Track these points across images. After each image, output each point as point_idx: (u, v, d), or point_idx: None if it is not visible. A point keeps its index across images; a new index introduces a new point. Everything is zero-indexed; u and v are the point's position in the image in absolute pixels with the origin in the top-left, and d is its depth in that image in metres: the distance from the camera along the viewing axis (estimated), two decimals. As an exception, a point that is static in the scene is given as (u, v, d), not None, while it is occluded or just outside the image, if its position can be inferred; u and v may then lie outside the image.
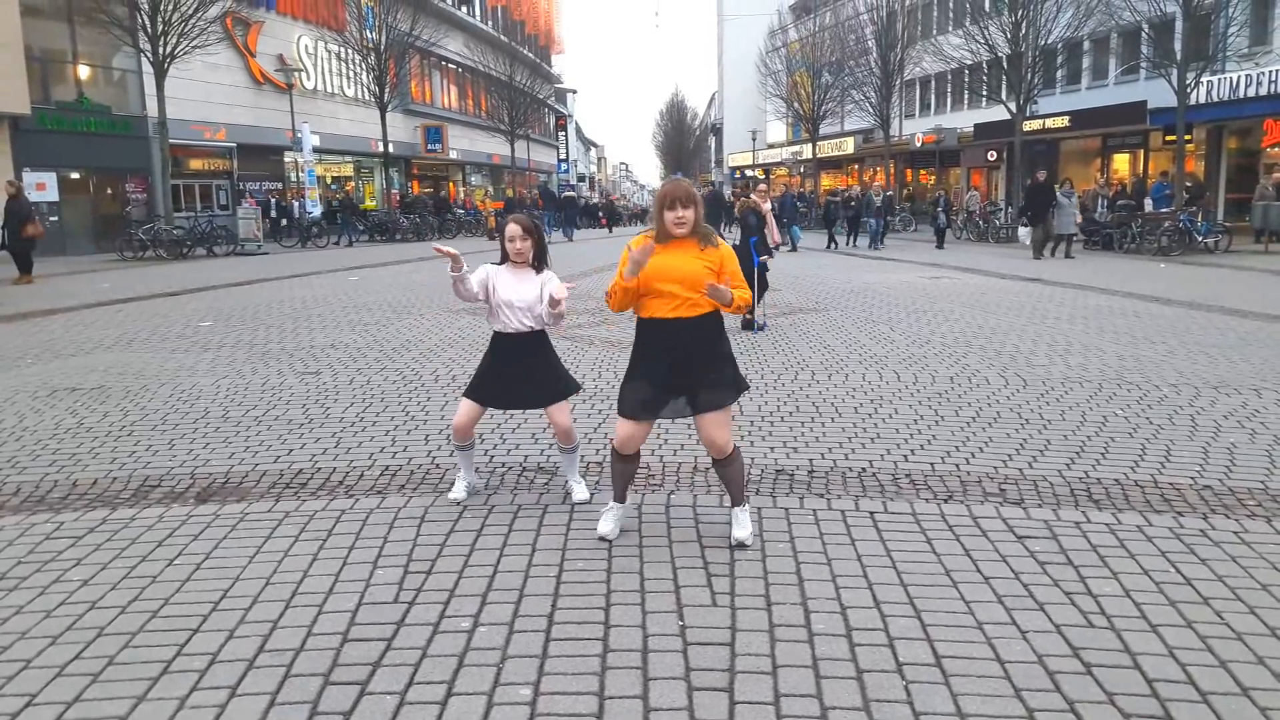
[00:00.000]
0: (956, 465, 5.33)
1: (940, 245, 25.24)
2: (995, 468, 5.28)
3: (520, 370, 4.70)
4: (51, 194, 24.49)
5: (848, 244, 27.48)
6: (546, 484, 5.01)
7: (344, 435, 6.14)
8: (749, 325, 10.47)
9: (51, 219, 24.36)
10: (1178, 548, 4.07)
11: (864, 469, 5.27)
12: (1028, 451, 5.60)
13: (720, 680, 3.01)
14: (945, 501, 4.70)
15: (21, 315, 12.67)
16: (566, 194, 42.38)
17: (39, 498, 4.98)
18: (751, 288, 10.34)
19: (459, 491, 4.80)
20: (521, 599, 3.62)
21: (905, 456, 5.52)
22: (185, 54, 23.51)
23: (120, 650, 3.25)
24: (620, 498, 4.32)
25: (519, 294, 4.65)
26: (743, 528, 4.15)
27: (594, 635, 3.32)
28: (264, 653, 3.22)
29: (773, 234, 11.01)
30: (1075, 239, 21.59)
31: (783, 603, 3.56)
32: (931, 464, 5.36)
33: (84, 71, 26.32)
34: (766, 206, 11.04)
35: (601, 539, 4.18)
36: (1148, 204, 24.55)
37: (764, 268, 10.82)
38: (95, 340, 10.44)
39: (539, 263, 4.74)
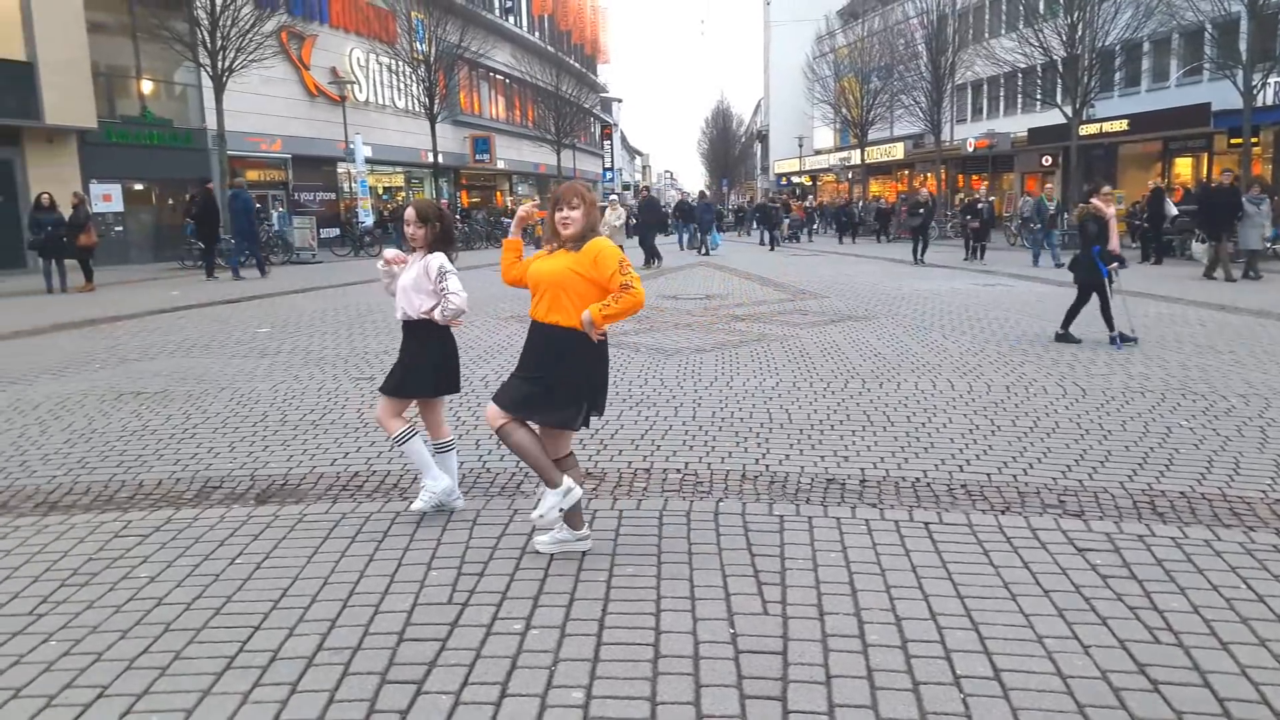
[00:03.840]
0: (1014, 476, 5.25)
1: (970, 254, 23.38)
2: (1054, 479, 5.19)
3: (406, 357, 4.67)
4: (117, 204, 25.14)
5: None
6: (594, 490, 5.03)
7: (398, 440, 6.21)
8: (1113, 340, 9.61)
9: (116, 229, 25.01)
10: (1249, 563, 3.96)
11: (918, 479, 5.21)
12: (1088, 462, 5.49)
13: (773, 689, 2.99)
14: (1003, 513, 4.63)
15: (89, 322, 13.02)
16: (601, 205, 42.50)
17: (108, 497, 5.11)
18: (1104, 299, 9.67)
19: (419, 502, 4.61)
20: (573, 603, 3.64)
21: (960, 467, 5.44)
22: (243, 68, 24.01)
23: (186, 645, 3.33)
24: (554, 482, 4.03)
25: (403, 277, 4.64)
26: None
27: (645, 641, 3.32)
28: (323, 650, 3.27)
29: (1113, 240, 9.77)
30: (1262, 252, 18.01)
31: (836, 613, 3.53)
32: (988, 474, 5.28)
33: (147, 86, 26.99)
34: (1110, 211, 9.87)
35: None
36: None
37: (1077, 276, 9.99)
38: (158, 346, 10.70)
39: (441, 249, 4.65)
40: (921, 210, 23.14)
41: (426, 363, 4.63)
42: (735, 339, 10.46)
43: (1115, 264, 9.75)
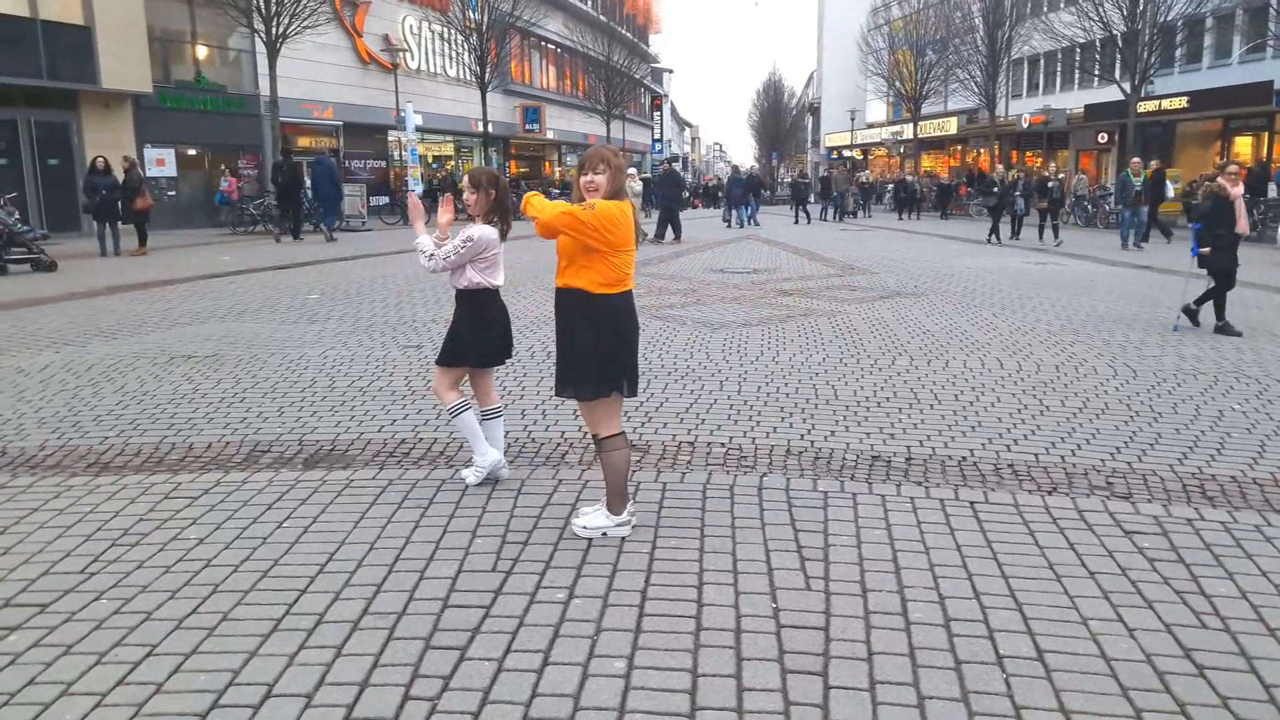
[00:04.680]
0: (1062, 457, 5.17)
1: (1016, 234, 22.05)
2: (1103, 460, 5.10)
3: (455, 325, 4.72)
4: (170, 169, 25.56)
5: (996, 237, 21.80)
6: (639, 461, 5.04)
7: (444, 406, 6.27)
8: (1180, 319, 9.40)
9: (170, 194, 25.43)
10: (1300, 550, 3.88)
11: (964, 458, 5.15)
12: (1137, 444, 5.39)
13: (814, 664, 2.99)
14: (1049, 494, 4.57)
15: (142, 285, 13.28)
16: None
17: (158, 459, 5.23)
18: (1219, 285, 9.16)
19: (471, 476, 4.70)
20: (615, 574, 3.66)
21: (1008, 446, 5.37)
22: (296, 34, 24.17)
23: (234, 607, 3.40)
24: (617, 510, 4.09)
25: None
26: (581, 518, 4.09)
27: (687, 613, 3.33)
28: (368, 615, 3.33)
29: (1240, 221, 9.17)
30: None
31: (879, 590, 3.51)
32: (1035, 455, 5.21)
33: (201, 52, 27.28)
34: (1237, 191, 9.18)
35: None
36: (1271, 189, 23.25)
37: (1205, 261, 9.24)
38: (209, 310, 10.89)
39: (498, 221, 4.67)
40: (995, 189, 21.82)
41: (466, 332, 4.66)
42: (782, 313, 10.39)
43: (1207, 249, 9.13)
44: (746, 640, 3.14)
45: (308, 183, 22.88)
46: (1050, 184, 22.04)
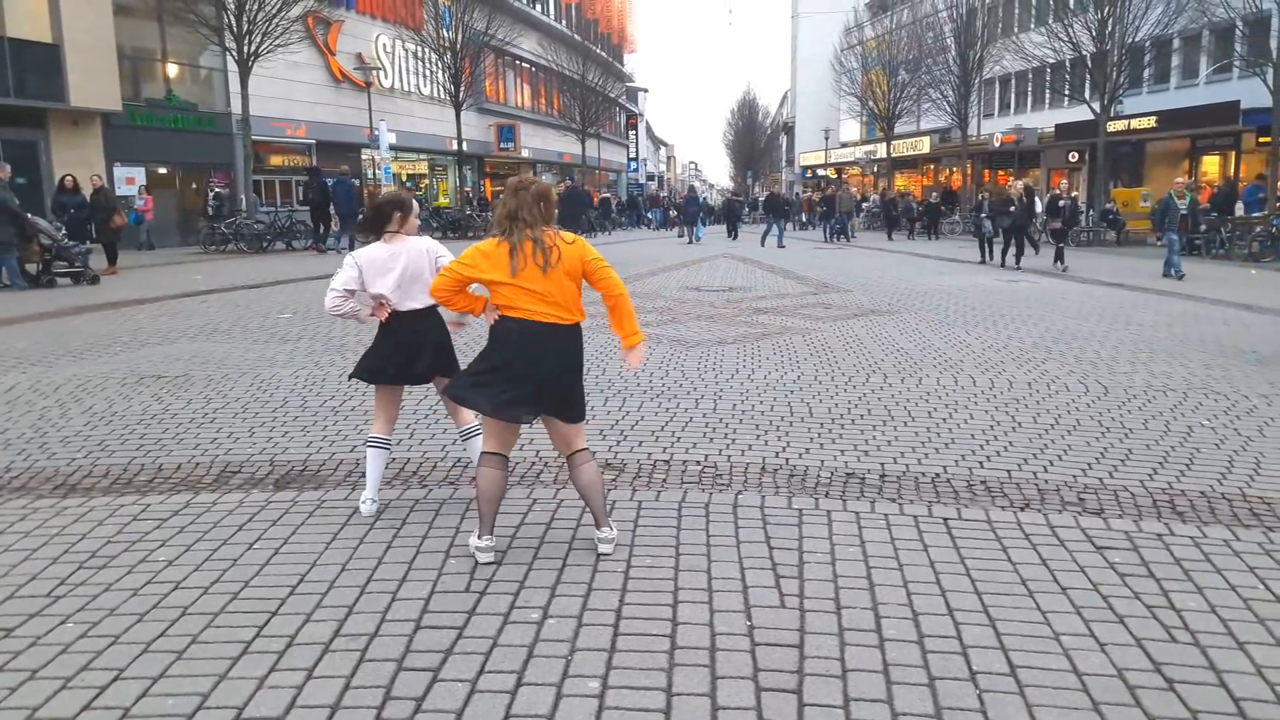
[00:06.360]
0: (1034, 473, 5.21)
1: (987, 258, 20.56)
2: (1074, 476, 5.15)
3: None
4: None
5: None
6: (614, 480, 5.03)
7: (417, 427, 6.25)
8: None
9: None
10: (1267, 564, 3.93)
11: (938, 474, 5.18)
12: (1108, 461, 5.44)
13: (789, 682, 2.99)
14: (1022, 510, 4.60)
15: (111, 305, 13.12)
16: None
17: (127, 480, 5.16)
18: None
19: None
20: (590, 593, 3.64)
21: (981, 463, 5.41)
22: (268, 52, 24.08)
23: (203, 629, 3.35)
24: (601, 524, 4.05)
25: None
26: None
27: (662, 632, 3.32)
28: (340, 637, 3.29)
29: None
30: None
31: (853, 607, 3.52)
32: (1008, 471, 5.25)
33: (172, 70, 27.12)
34: None
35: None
36: (1239, 208, 23.66)
37: None
38: (179, 330, 10.78)
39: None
40: (1012, 209, 19.11)
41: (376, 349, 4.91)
42: (757, 331, 10.43)
43: None
44: (721, 658, 3.13)
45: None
46: (1062, 203, 19.89)
